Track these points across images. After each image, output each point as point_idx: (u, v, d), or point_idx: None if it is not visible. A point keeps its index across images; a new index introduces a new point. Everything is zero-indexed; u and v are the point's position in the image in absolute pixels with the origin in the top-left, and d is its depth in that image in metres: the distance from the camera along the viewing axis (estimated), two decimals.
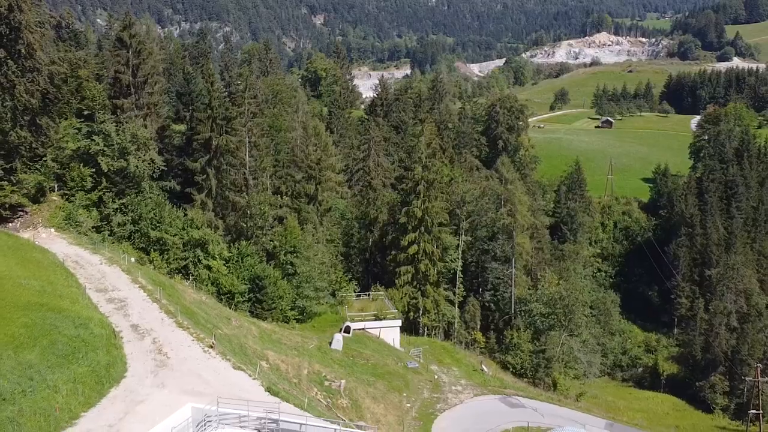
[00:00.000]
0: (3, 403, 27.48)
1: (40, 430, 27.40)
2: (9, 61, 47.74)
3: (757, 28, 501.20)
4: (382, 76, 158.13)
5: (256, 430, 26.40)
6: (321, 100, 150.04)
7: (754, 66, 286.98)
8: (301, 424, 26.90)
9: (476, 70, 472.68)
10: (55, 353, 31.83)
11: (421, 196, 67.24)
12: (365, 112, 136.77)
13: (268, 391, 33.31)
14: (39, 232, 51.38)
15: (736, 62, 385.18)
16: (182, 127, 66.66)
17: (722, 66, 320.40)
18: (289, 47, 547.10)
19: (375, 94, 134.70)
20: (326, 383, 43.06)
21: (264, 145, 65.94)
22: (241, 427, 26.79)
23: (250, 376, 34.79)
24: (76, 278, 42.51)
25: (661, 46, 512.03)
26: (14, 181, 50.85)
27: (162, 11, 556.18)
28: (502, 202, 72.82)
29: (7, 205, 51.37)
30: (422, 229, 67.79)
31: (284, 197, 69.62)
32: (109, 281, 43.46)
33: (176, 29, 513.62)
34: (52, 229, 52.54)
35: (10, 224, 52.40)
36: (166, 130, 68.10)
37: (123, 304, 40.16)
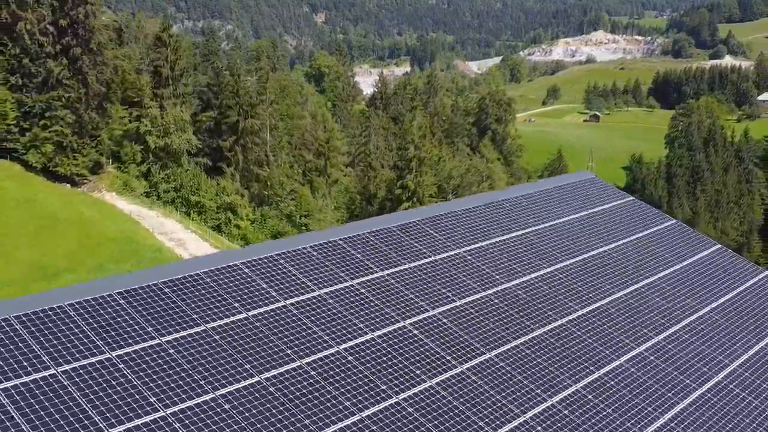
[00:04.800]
0: None
1: None
2: (84, 56, 60.15)
3: (750, 27, 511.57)
4: (382, 72, 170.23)
5: None
6: (325, 96, 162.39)
7: (737, 63, 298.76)
8: None
9: (475, 67, 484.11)
10: (143, 266, 44.23)
11: (414, 171, 79.64)
12: (366, 104, 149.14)
13: None
14: (104, 195, 63.83)
15: (728, 60, 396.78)
16: (212, 113, 78.88)
17: (708, 63, 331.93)
18: (291, 45, 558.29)
19: (375, 89, 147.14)
20: None
21: (282, 126, 78.42)
22: None
23: None
24: (142, 225, 54.99)
25: (656, 44, 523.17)
26: (84, 154, 63.27)
27: (165, 9, 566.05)
28: (484, 178, 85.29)
29: (78, 173, 63.79)
30: (414, 199, 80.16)
31: (297, 174, 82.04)
32: (167, 228, 55.96)
33: (180, 27, 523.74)
34: (113, 193, 65.02)
35: (79, 189, 64.86)
36: (198, 115, 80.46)
37: (182, 242, 52.64)
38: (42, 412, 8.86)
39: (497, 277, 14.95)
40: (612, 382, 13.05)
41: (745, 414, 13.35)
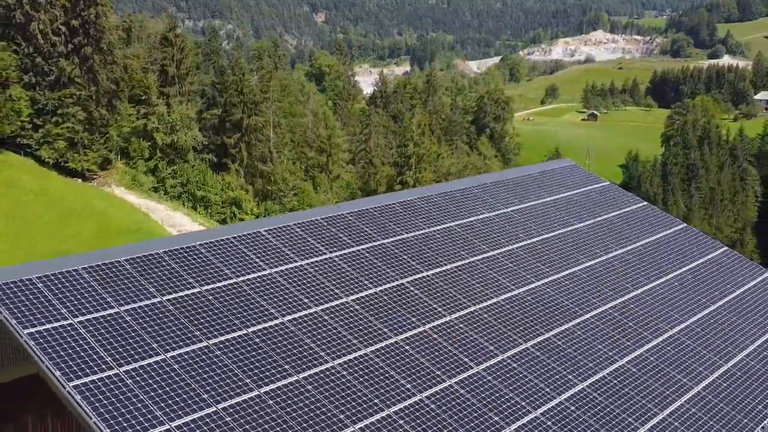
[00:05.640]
0: None
1: None
2: (94, 55, 62.41)
3: (749, 26, 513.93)
4: (382, 72, 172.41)
5: None
6: (326, 95, 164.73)
7: (734, 63, 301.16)
8: None
9: (474, 67, 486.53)
10: None
11: (413, 168, 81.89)
12: (366, 103, 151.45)
13: None
14: (113, 189, 66.04)
15: (726, 59, 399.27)
16: (216, 111, 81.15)
17: (706, 63, 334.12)
18: (291, 45, 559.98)
19: (375, 88, 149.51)
20: None
21: (285, 124, 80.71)
22: None
23: None
24: (152, 217, 57.22)
25: (655, 44, 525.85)
26: (94, 150, 65.52)
27: (166, 9, 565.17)
28: (480, 174, 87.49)
29: (88, 169, 66.02)
30: None
31: (299, 171, 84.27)
32: (176, 220, 58.17)
33: (180, 27, 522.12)
34: (123, 188, 67.23)
35: (89, 183, 67.07)
36: (203, 113, 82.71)
37: None
38: (61, 351, 10.98)
39: (483, 246, 17.19)
40: (580, 332, 15.31)
41: (689, 356, 15.61)
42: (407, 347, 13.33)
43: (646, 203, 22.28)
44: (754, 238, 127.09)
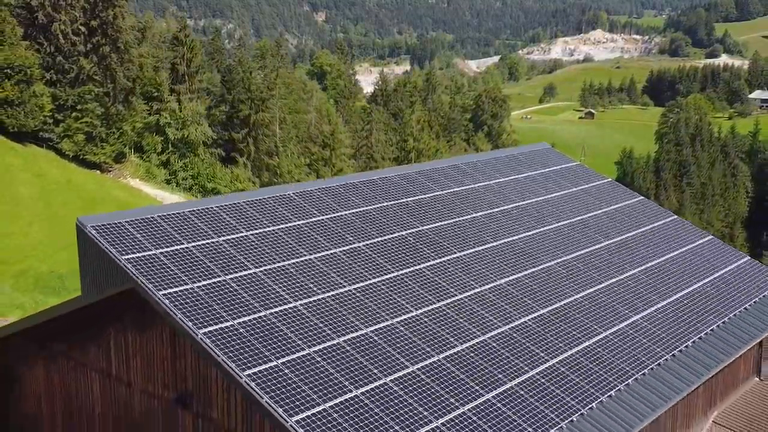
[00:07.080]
0: None
1: None
2: (112, 54, 66.21)
3: (746, 26, 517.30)
4: (383, 70, 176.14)
5: None
6: (327, 93, 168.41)
7: (730, 62, 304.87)
8: None
9: (474, 66, 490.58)
10: None
11: (412, 162, 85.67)
12: (367, 101, 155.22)
13: None
14: (129, 181, 69.84)
15: (724, 59, 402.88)
16: (224, 108, 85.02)
17: (702, 62, 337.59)
18: (292, 44, 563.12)
19: (376, 87, 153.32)
20: None
21: (290, 120, 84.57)
22: None
23: None
24: None
25: (653, 43, 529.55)
26: (111, 144, 69.32)
27: (167, 8, 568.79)
28: None
29: (104, 162, 69.81)
30: None
31: (304, 164, 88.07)
32: None
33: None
34: (137, 180, 71.03)
35: (107, 175, 70.82)
36: (212, 109, 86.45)
37: None
38: (150, 271, 14.70)
39: (468, 209, 20.94)
40: (534, 281, 19.05)
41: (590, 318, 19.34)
42: (407, 280, 17.08)
43: (610, 179, 26.02)
44: (744, 232, 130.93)
